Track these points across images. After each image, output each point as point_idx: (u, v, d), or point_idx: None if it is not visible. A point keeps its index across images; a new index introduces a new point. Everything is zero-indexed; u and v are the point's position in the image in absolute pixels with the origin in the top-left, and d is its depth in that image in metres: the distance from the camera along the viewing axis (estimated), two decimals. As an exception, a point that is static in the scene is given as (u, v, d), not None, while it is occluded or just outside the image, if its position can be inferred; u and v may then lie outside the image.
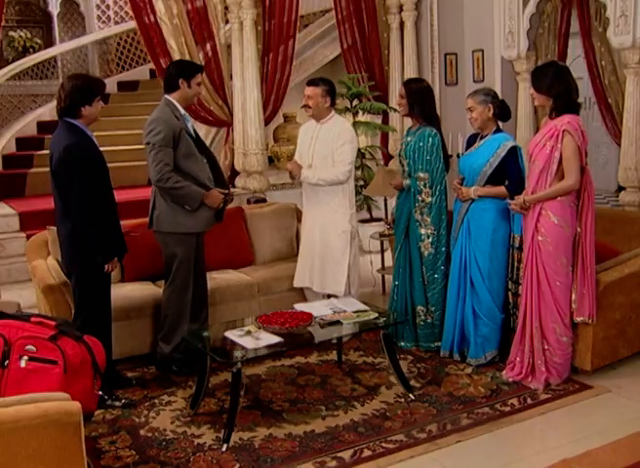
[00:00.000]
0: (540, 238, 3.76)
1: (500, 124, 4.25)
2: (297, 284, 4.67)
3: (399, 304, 4.46)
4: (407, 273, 4.42)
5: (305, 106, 4.56)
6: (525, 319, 3.87)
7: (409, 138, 4.38)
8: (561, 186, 3.69)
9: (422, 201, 4.29)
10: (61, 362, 2.66)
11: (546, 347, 3.82)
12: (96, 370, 2.83)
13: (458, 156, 4.83)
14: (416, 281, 4.39)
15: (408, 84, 4.45)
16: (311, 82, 4.59)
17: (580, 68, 6.05)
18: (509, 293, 4.13)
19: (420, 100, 4.31)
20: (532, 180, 3.79)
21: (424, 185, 4.27)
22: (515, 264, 4.07)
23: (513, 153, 4.04)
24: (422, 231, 4.30)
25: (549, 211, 3.72)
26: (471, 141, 4.29)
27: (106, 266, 3.69)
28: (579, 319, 3.79)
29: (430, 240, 4.30)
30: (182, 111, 4.07)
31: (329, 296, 4.50)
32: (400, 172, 4.57)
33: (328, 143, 4.46)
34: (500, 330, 4.16)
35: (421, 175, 4.27)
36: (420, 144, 4.26)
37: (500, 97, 4.25)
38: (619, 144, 5.26)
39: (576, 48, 6.30)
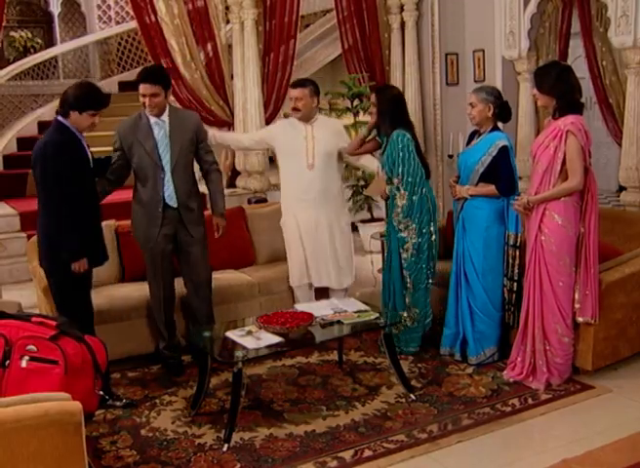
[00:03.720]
0: (543, 238, 3.75)
1: (500, 124, 4.25)
2: (318, 283, 4.66)
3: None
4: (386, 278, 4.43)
5: (294, 109, 4.46)
6: (527, 319, 3.86)
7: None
8: (564, 187, 3.68)
9: (396, 205, 4.23)
10: (62, 362, 2.65)
11: (548, 347, 3.82)
12: (96, 370, 2.83)
13: (458, 156, 4.82)
14: (397, 287, 4.34)
15: (378, 92, 4.38)
16: (297, 83, 4.51)
17: (580, 68, 6.05)
18: (504, 290, 4.13)
19: (391, 108, 4.25)
20: (535, 181, 3.78)
21: (397, 189, 4.22)
22: (510, 261, 4.07)
23: (504, 152, 4.03)
24: (404, 234, 4.23)
25: (553, 211, 3.72)
26: (471, 138, 4.29)
27: (73, 265, 3.56)
28: (581, 319, 3.78)
29: (413, 242, 4.22)
30: (153, 119, 3.98)
31: (316, 294, 4.62)
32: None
33: (332, 141, 4.49)
34: (499, 327, 4.16)
35: (395, 179, 4.23)
36: (392, 149, 4.21)
37: (503, 97, 4.25)
38: (619, 144, 5.25)
39: (576, 48, 6.30)
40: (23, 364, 2.64)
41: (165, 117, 3.99)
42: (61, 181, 3.48)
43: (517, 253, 4.03)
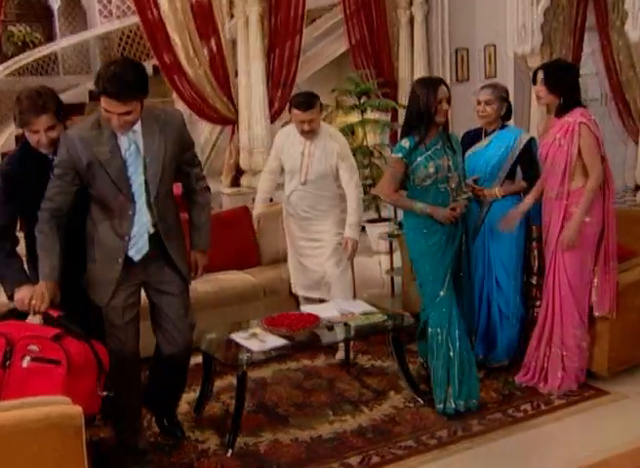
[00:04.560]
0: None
1: (512, 121, 4.25)
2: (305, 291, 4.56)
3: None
4: None
5: (309, 132, 4.17)
6: (544, 324, 3.84)
7: (455, 147, 3.69)
8: (590, 188, 3.63)
9: (470, 210, 3.85)
10: (65, 361, 2.64)
11: (565, 353, 3.78)
12: (100, 370, 2.83)
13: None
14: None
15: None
16: (306, 104, 4.10)
17: (595, 64, 6.04)
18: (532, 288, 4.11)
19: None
20: (554, 182, 3.72)
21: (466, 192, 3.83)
22: (535, 255, 4.05)
23: (532, 145, 4.03)
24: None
25: (576, 208, 3.67)
26: (471, 139, 4.24)
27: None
28: (598, 313, 3.75)
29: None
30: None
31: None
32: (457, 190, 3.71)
33: (328, 160, 4.25)
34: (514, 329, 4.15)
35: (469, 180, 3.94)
36: (458, 147, 3.75)
37: (511, 94, 4.24)
38: (637, 142, 5.24)
39: (591, 42, 6.28)
40: (24, 364, 2.63)
41: (137, 126, 2.97)
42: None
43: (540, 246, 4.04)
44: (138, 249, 3.02)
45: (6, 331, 2.70)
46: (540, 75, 3.75)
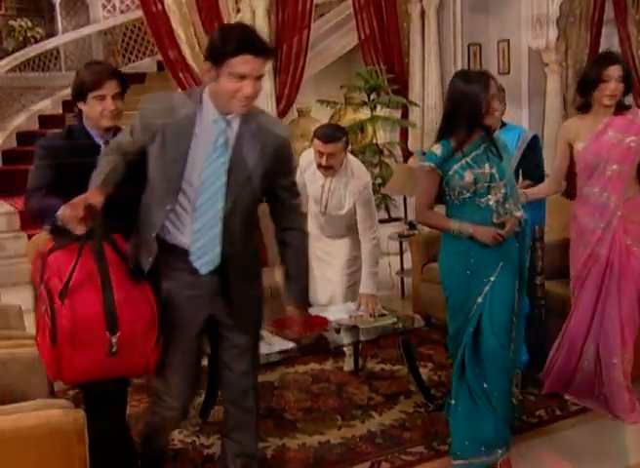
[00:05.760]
0: (629, 242, 3.55)
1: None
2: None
3: None
4: None
5: (327, 168, 3.90)
6: (590, 337, 3.67)
7: (502, 152, 3.20)
8: None
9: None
10: (48, 332, 2.22)
11: (623, 369, 3.62)
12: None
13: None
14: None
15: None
16: (330, 137, 3.82)
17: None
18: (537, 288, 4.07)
19: None
20: (620, 187, 3.53)
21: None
22: (539, 255, 4.00)
23: (536, 142, 3.99)
24: None
25: (634, 213, 3.56)
26: None
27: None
28: None
29: None
30: (214, 114, 2.47)
31: None
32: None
33: (346, 201, 4.07)
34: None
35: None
36: (507, 152, 3.28)
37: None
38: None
39: (608, 37, 6.26)
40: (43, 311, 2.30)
41: (235, 120, 2.48)
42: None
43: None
44: (205, 262, 2.53)
45: (47, 268, 2.35)
46: (618, 72, 3.41)
